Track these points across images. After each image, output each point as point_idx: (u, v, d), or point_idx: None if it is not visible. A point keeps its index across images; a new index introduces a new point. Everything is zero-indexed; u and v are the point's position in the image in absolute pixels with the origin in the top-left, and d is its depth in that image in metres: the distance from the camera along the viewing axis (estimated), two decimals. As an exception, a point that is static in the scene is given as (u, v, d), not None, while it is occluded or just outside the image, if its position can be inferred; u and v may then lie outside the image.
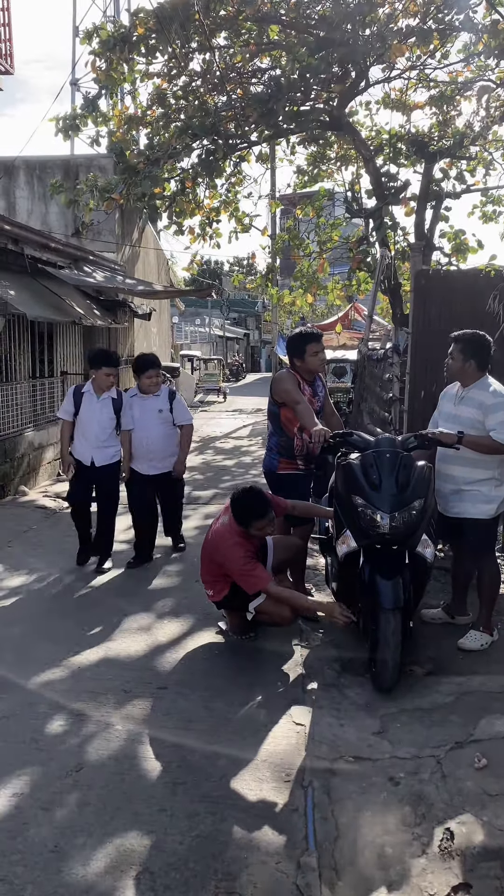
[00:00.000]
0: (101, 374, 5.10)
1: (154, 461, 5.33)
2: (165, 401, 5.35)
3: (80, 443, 5.17)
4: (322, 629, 4.16)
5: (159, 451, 5.33)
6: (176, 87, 9.24)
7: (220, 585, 3.88)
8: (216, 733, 3.04)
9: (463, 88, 9.22)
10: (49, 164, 13.27)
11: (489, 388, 3.79)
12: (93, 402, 5.14)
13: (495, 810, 2.52)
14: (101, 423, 5.12)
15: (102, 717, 3.16)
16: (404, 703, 3.31)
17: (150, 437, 5.24)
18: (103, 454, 5.16)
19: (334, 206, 11.79)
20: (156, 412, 5.29)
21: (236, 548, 3.69)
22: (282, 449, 4.35)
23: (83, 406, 5.13)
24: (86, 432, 5.13)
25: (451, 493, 3.88)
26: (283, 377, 4.37)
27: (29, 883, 2.19)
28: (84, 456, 5.15)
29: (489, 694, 3.38)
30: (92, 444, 5.12)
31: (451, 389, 4.02)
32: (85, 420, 5.13)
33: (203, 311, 39.66)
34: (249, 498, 3.74)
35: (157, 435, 5.27)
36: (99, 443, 5.13)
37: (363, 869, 2.27)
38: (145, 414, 5.25)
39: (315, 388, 4.44)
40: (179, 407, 5.44)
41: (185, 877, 2.22)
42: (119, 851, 2.32)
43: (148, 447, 5.26)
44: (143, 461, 5.31)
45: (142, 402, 5.27)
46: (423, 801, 2.59)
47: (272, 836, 2.41)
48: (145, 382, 5.27)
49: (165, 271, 18.46)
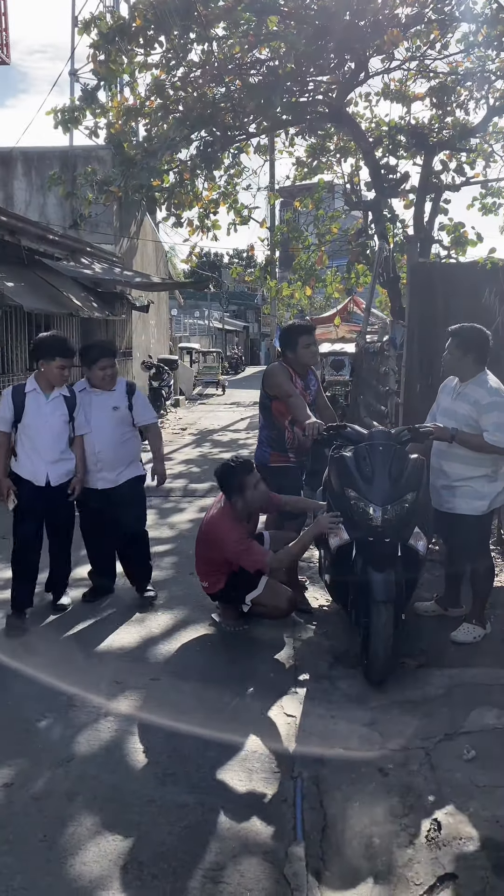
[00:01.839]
0: (52, 367, 4.02)
1: (105, 471, 4.26)
2: (122, 396, 4.30)
3: (27, 458, 4.03)
4: (315, 622, 4.18)
5: (111, 460, 4.26)
6: (174, 78, 9.19)
7: (215, 577, 3.89)
8: (207, 724, 3.05)
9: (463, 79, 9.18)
10: (47, 155, 13.22)
11: (486, 385, 3.75)
12: (41, 403, 4.04)
13: (483, 801, 2.54)
14: (54, 429, 4.05)
15: (94, 708, 3.18)
16: (395, 695, 3.32)
17: (100, 440, 4.20)
18: (60, 470, 4.07)
19: (333, 199, 11.76)
20: (109, 410, 4.24)
21: (231, 532, 3.73)
22: (273, 442, 4.34)
23: (28, 410, 4.00)
24: (36, 443, 4.01)
25: (443, 488, 3.87)
26: (275, 370, 4.36)
27: (18, 873, 2.21)
28: (35, 474, 4.01)
29: (480, 686, 3.40)
30: (45, 458, 4.02)
31: (450, 383, 4.00)
32: (33, 427, 4.01)
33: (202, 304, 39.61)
34: (232, 465, 3.87)
35: (109, 438, 4.23)
36: (55, 455, 4.05)
37: (350, 859, 2.29)
38: (96, 412, 4.22)
39: (307, 381, 4.42)
40: (140, 403, 4.39)
41: (173, 867, 2.24)
42: (108, 842, 2.34)
43: (97, 454, 4.21)
44: (91, 471, 4.25)
45: (93, 399, 4.24)
46: (411, 793, 2.60)
47: (260, 826, 2.43)
48: (97, 375, 4.22)
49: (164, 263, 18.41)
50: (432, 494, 3.91)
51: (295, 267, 12.04)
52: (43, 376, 4.06)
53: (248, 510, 3.89)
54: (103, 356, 4.25)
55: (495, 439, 3.62)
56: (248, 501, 3.82)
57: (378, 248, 8.22)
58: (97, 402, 4.24)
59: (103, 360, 4.24)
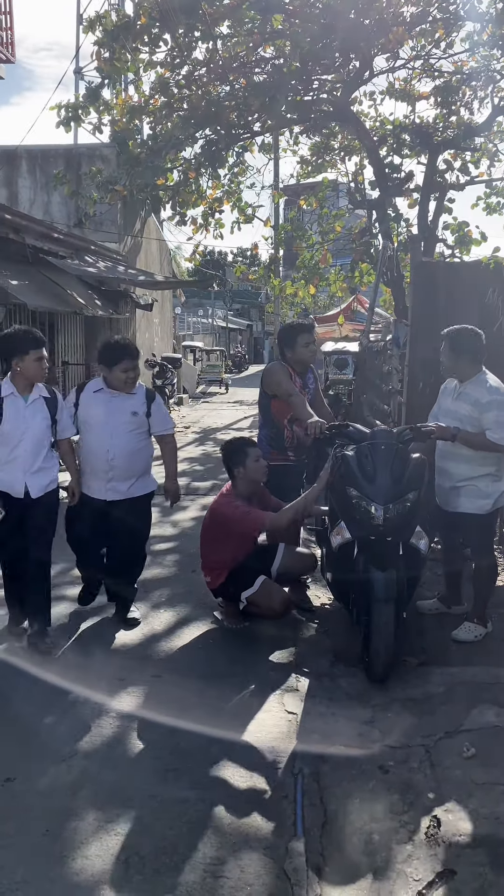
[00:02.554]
0: (29, 362, 3.60)
1: (115, 481, 3.89)
2: (142, 402, 3.96)
3: (3, 468, 3.67)
4: (316, 620, 4.19)
5: (124, 469, 3.89)
6: (179, 76, 9.21)
7: (217, 572, 3.92)
8: (209, 721, 3.07)
9: (468, 78, 9.17)
10: (52, 154, 13.25)
11: (486, 384, 3.77)
12: (19, 406, 3.64)
13: (482, 799, 2.55)
14: (35, 434, 3.66)
15: (97, 704, 3.20)
16: (396, 693, 3.34)
17: (115, 447, 3.84)
18: (41, 480, 3.69)
19: (337, 197, 11.77)
20: (128, 415, 3.89)
21: (233, 508, 3.85)
22: (272, 440, 4.35)
23: (6, 416, 3.61)
24: (15, 451, 3.64)
25: (450, 488, 3.89)
26: (275, 369, 4.37)
27: (21, 866, 2.23)
28: (13, 486, 3.65)
29: (481, 685, 3.41)
30: (24, 468, 3.65)
31: (450, 384, 4.02)
32: (11, 433, 3.62)
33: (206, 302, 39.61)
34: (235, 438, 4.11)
35: (124, 445, 3.86)
36: (35, 464, 3.67)
37: (350, 855, 2.31)
38: (113, 416, 3.87)
39: (306, 380, 4.43)
40: (160, 412, 4.05)
41: (175, 861, 2.26)
42: (110, 836, 2.36)
43: (110, 461, 3.84)
44: (98, 479, 3.89)
45: (109, 400, 3.89)
46: (411, 790, 2.62)
47: (261, 821, 2.45)
48: (119, 378, 3.87)
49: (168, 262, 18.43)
50: (438, 495, 3.93)
51: (298, 265, 12.05)
52: (20, 376, 3.64)
53: (249, 488, 3.97)
54: (126, 357, 3.87)
55: (497, 437, 3.63)
56: (249, 472, 3.93)
57: (382, 247, 8.22)
58: (114, 405, 3.89)
59: (126, 362, 3.86)
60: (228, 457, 4.00)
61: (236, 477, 3.96)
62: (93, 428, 3.90)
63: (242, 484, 3.95)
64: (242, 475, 3.94)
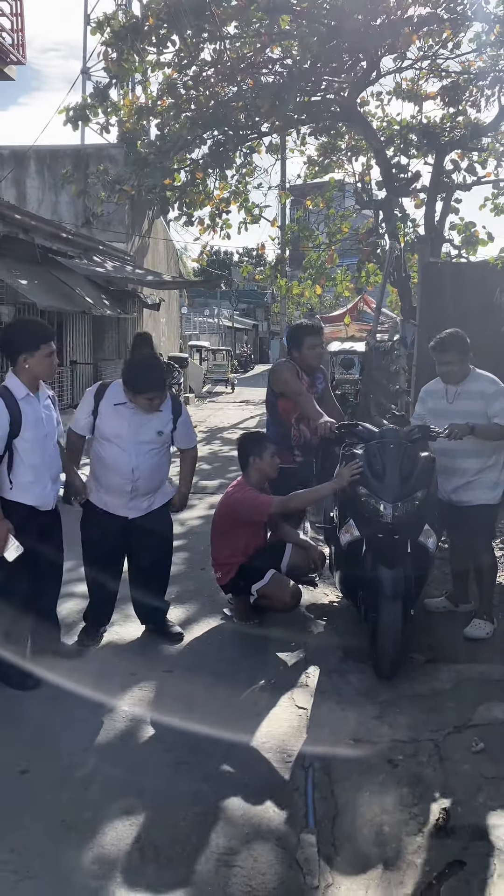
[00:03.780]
0: (41, 357, 3.32)
1: (137, 499, 3.69)
2: (168, 419, 3.72)
3: (31, 478, 3.32)
4: (325, 617, 4.23)
5: (146, 487, 3.70)
6: (186, 77, 9.25)
7: (227, 567, 3.97)
8: (220, 715, 3.11)
9: (475, 78, 9.18)
10: (59, 154, 13.32)
11: (485, 377, 3.93)
12: (37, 408, 3.36)
13: (490, 792, 2.58)
14: (54, 438, 3.49)
15: (109, 699, 3.24)
16: (404, 689, 3.37)
17: (139, 467, 3.61)
18: (58, 486, 3.55)
19: (344, 197, 11.80)
20: (153, 434, 3.66)
21: (246, 494, 3.93)
22: (278, 439, 4.31)
23: (27, 421, 3.28)
24: (45, 458, 3.37)
25: (465, 484, 3.93)
26: (282, 367, 4.39)
27: (38, 855, 2.27)
28: (41, 497, 3.38)
29: (488, 681, 3.44)
30: (51, 475, 3.43)
31: (437, 386, 4.07)
32: (35, 440, 3.32)
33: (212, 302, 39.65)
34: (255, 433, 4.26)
35: (149, 465, 3.66)
36: (58, 470, 3.51)
37: (361, 846, 2.34)
38: (137, 435, 3.62)
39: (314, 378, 4.43)
40: (185, 427, 3.85)
41: (188, 850, 2.30)
42: (124, 826, 2.41)
43: (134, 481, 3.62)
44: (118, 496, 3.66)
45: (132, 416, 3.61)
46: (420, 783, 2.65)
47: (273, 813, 2.49)
48: (143, 404, 3.58)
49: (175, 262, 18.48)
50: (450, 493, 3.96)
51: (305, 265, 12.09)
52: (29, 374, 3.33)
53: (260, 481, 4.03)
54: (153, 388, 3.55)
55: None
56: (263, 464, 3.99)
57: (389, 248, 8.25)
58: (139, 422, 3.62)
59: (152, 392, 3.55)
60: (247, 445, 4.07)
61: (250, 465, 4.02)
62: (115, 445, 3.61)
63: (255, 474, 4.01)
64: (257, 465, 4.00)
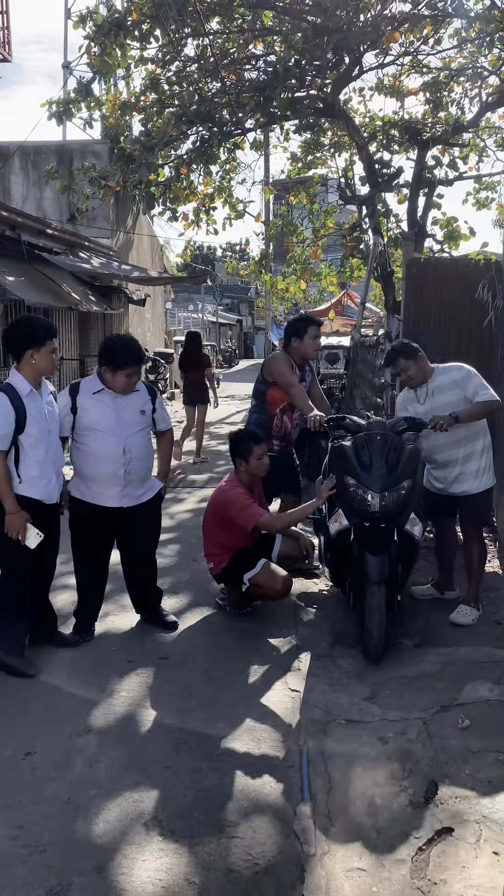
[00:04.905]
0: (45, 353, 3.40)
1: (130, 486, 3.69)
2: (146, 399, 3.77)
3: (37, 472, 3.40)
4: (315, 605, 4.35)
5: (138, 471, 3.70)
6: (169, 72, 9.28)
7: (219, 557, 4.07)
8: (216, 698, 3.23)
9: (456, 74, 9.31)
10: (43, 150, 13.26)
11: (448, 368, 4.08)
12: (41, 404, 3.44)
13: (476, 765, 2.72)
14: (56, 433, 3.55)
15: (108, 684, 3.34)
16: (393, 671, 3.50)
17: (131, 449, 3.63)
18: (61, 482, 3.62)
19: (327, 192, 11.90)
20: (137, 414, 3.70)
21: (238, 496, 3.98)
22: (260, 426, 4.50)
23: (31, 416, 3.35)
24: (49, 453, 3.45)
25: (455, 477, 4.05)
26: (279, 358, 4.51)
27: (46, 830, 2.37)
28: (46, 491, 3.47)
29: (474, 663, 3.58)
30: (55, 469, 3.52)
31: (408, 394, 4.22)
32: (39, 435, 3.39)
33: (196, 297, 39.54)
34: (246, 433, 4.23)
35: (139, 446, 3.69)
36: (61, 464, 3.59)
37: (354, 816, 2.47)
38: (123, 417, 3.65)
39: (303, 372, 4.58)
40: (163, 408, 3.92)
41: (191, 824, 2.41)
42: (129, 802, 2.51)
43: (127, 464, 3.63)
44: (111, 486, 3.65)
45: (113, 401, 3.65)
46: (410, 758, 2.78)
47: (270, 788, 2.60)
48: (122, 382, 3.62)
49: (159, 257, 18.48)
50: (443, 485, 4.08)
51: (289, 261, 12.17)
52: (33, 369, 3.40)
53: (251, 479, 4.13)
54: (133, 362, 3.63)
55: (487, 395, 3.93)
56: (251, 467, 4.08)
57: (373, 244, 8.36)
58: (122, 405, 3.67)
59: (132, 367, 3.63)
60: (236, 447, 4.16)
61: (239, 467, 4.12)
62: (103, 432, 3.63)
63: (244, 475, 4.11)
64: (244, 468, 4.09)
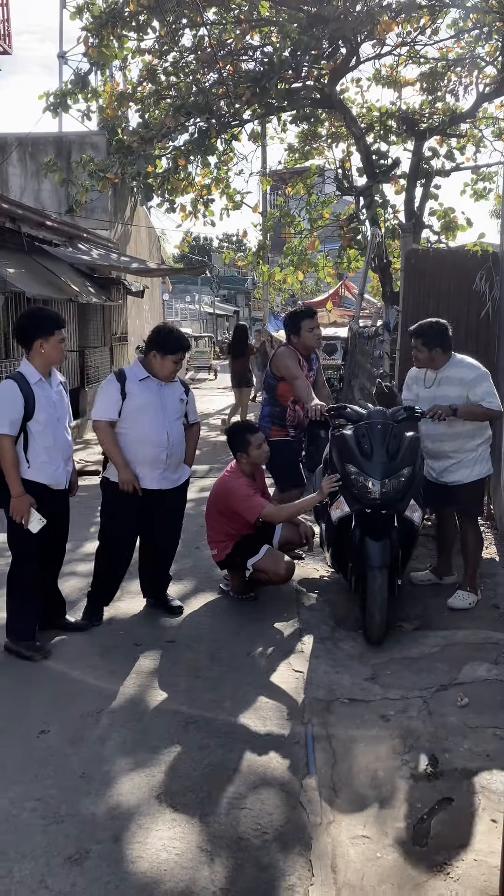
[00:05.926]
0: (54, 342, 3.52)
1: (169, 470, 3.91)
2: (182, 390, 4.00)
3: (44, 458, 3.51)
4: (317, 590, 4.45)
5: (177, 454, 3.94)
6: (166, 63, 9.29)
7: (223, 544, 4.15)
8: (222, 679, 3.32)
9: (454, 64, 9.34)
10: (41, 142, 13.24)
11: (465, 363, 4.08)
12: (50, 393, 3.55)
13: (475, 740, 2.82)
14: (64, 421, 3.67)
15: (117, 667, 3.44)
16: (394, 653, 3.60)
17: (173, 433, 3.87)
18: (69, 469, 3.72)
19: (324, 183, 11.92)
20: (177, 402, 3.93)
21: (240, 486, 4.07)
22: (274, 418, 4.76)
23: (40, 402, 3.46)
24: (57, 440, 3.56)
25: (451, 465, 4.13)
26: (285, 353, 4.70)
27: (63, 802, 2.47)
28: (54, 477, 3.57)
29: (472, 645, 3.68)
30: (63, 456, 3.62)
31: (419, 373, 4.27)
32: (49, 423, 3.50)
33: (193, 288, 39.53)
34: (239, 426, 4.37)
35: (179, 433, 3.93)
36: (69, 452, 3.70)
37: (358, 788, 2.57)
38: (167, 403, 3.86)
39: (311, 362, 4.81)
40: (193, 401, 4.12)
41: (200, 797, 2.51)
42: (141, 777, 2.61)
43: (169, 448, 3.85)
44: (154, 467, 3.84)
45: (158, 388, 3.85)
46: (411, 734, 2.88)
47: (276, 763, 2.70)
48: (169, 367, 3.83)
49: (157, 248, 18.48)
50: (439, 474, 4.16)
51: (287, 252, 12.21)
52: (43, 359, 3.50)
53: (252, 467, 4.24)
54: (181, 348, 3.85)
55: (495, 404, 3.97)
56: (252, 457, 4.17)
57: (371, 235, 8.42)
58: (166, 393, 3.88)
59: (180, 353, 3.85)
60: (233, 442, 4.23)
61: (240, 460, 4.20)
62: (149, 416, 3.80)
63: (246, 465, 4.20)
64: (245, 460, 4.18)
